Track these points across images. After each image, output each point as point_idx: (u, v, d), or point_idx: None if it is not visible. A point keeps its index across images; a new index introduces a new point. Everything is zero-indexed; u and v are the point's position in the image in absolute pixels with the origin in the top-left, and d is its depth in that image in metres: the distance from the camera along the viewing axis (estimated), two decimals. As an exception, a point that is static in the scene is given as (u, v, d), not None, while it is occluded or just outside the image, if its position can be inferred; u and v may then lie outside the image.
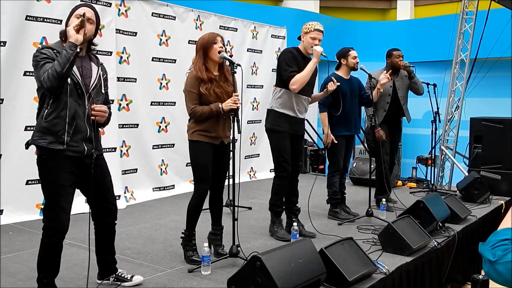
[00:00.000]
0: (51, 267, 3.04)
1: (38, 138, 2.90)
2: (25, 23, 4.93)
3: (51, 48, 2.91)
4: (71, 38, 2.83)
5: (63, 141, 2.89)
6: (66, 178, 2.94)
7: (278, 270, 2.90)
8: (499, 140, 6.76)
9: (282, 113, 4.44)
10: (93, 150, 3.02)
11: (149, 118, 6.27)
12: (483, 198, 6.06)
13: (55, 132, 2.88)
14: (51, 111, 2.89)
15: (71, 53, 2.80)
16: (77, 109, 2.93)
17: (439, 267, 4.29)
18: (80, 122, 2.95)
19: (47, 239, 2.97)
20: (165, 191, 6.42)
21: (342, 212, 5.20)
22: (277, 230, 4.55)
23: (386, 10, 11.71)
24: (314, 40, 4.41)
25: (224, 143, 3.80)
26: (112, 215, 3.25)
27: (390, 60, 5.76)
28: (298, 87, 4.33)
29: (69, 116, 2.90)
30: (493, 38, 7.51)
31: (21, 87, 4.91)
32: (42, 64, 2.84)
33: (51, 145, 2.88)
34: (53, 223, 2.94)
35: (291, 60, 4.38)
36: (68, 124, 2.89)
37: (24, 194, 4.96)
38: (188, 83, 3.70)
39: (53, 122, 2.88)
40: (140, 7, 6.07)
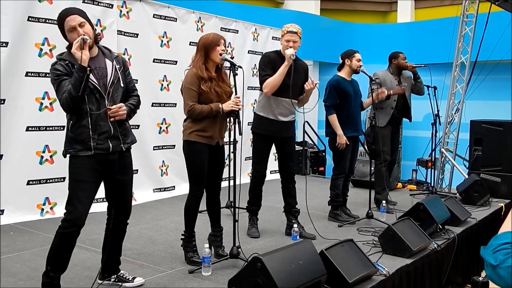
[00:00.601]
0: (60, 261, 3.07)
1: (69, 148, 3.04)
2: (27, 23, 4.95)
3: (63, 60, 2.97)
4: (79, 61, 2.88)
5: (90, 147, 3.01)
6: (88, 175, 3.03)
7: (279, 271, 2.91)
8: (499, 142, 6.77)
9: (262, 116, 4.49)
10: (121, 145, 3.13)
11: (150, 119, 6.28)
12: (483, 201, 6.07)
13: (81, 141, 3.01)
14: (74, 122, 3.01)
15: (81, 76, 2.88)
16: (98, 113, 3.02)
17: (439, 269, 4.30)
18: (103, 123, 3.04)
19: (62, 230, 3.02)
20: (166, 192, 6.43)
21: (342, 214, 5.22)
22: (248, 227, 4.66)
23: (386, 13, 11.73)
24: (288, 43, 4.40)
25: (220, 144, 3.80)
26: (127, 213, 3.30)
27: (396, 61, 5.83)
28: (269, 90, 4.35)
29: (91, 123, 3.01)
30: (493, 40, 7.53)
31: (23, 88, 4.92)
32: (58, 82, 2.94)
33: (81, 153, 3.01)
34: (71, 215, 3.00)
35: (266, 64, 4.39)
36: (92, 130, 3.01)
37: (25, 194, 4.97)
38: (188, 80, 3.68)
39: (78, 132, 3.00)
40: (141, 8, 6.09)
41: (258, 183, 4.63)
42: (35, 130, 5.05)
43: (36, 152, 5.07)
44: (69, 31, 2.96)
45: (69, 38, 2.98)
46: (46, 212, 5.11)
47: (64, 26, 2.97)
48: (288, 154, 4.62)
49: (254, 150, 4.62)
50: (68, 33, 2.97)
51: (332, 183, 5.26)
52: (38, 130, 5.06)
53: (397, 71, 5.85)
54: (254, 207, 4.68)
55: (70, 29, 2.95)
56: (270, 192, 4.79)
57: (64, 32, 3.00)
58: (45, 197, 5.11)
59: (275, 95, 4.41)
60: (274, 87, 4.35)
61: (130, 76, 3.31)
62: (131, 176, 3.30)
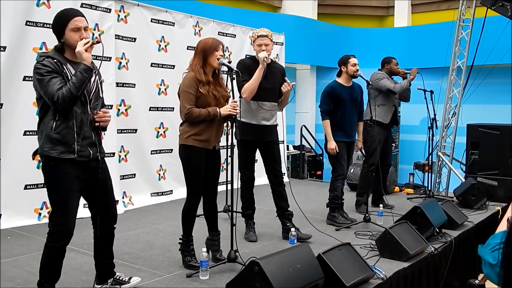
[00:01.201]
0: (53, 272, 3.06)
1: (49, 149, 2.93)
2: (25, 28, 4.96)
3: (51, 57, 2.92)
4: (85, 61, 2.87)
5: (73, 150, 2.96)
6: (73, 184, 2.98)
7: (276, 275, 2.92)
8: (496, 146, 6.80)
9: (244, 122, 4.47)
10: (98, 153, 3.08)
11: (147, 123, 6.28)
12: (480, 204, 6.08)
13: (65, 142, 2.94)
14: (59, 122, 2.93)
15: (86, 77, 2.87)
16: (83, 117, 2.99)
17: (436, 273, 4.31)
18: (86, 129, 3.01)
19: (52, 243, 2.99)
20: (163, 196, 6.43)
21: (340, 217, 5.23)
22: (246, 231, 4.65)
23: (383, 17, 11.77)
24: (260, 47, 4.41)
25: (216, 148, 3.81)
26: (113, 218, 3.27)
27: (389, 66, 6.00)
28: (248, 95, 4.35)
29: (77, 125, 2.96)
30: (489, 45, 7.57)
31: (21, 92, 4.93)
32: (48, 79, 2.86)
33: (63, 155, 2.93)
34: (60, 227, 2.97)
35: (242, 70, 4.34)
36: (76, 133, 2.96)
37: (23, 199, 4.97)
38: (186, 83, 3.68)
39: (63, 133, 2.93)
40: (139, 13, 6.11)
41: (247, 187, 4.64)
42: (33, 134, 5.03)
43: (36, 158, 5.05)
44: (72, 30, 2.92)
45: (67, 36, 2.93)
46: (43, 216, 5.09)
47: (68, 24, 2.92)
48: (274, 158, 4.62)
49: (240, 155, 4.60)
50: (69, 31, 2.93)
51: (331, 185, 5.28)
52: (35, 134, 5.01)
53: (389, 75, 5.99)
54: (248, 211, 4.69)
55: (75, 29, 2.92)
56: (267, 196, 4.79)
57: (63, 30, 2.94)
58: (43, 202, 5.10)
59: (254, 99, 4.42)
60: (253, 92, 4.35)
61: (103, 91, 3.26)
62: (111, 181, 3.26)
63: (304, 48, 9.95)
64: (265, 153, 4.62)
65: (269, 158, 4.61)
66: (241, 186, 4.65)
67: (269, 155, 4.60)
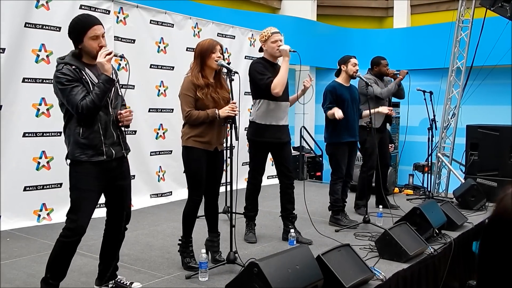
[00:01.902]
0: (60, 269, 3.08)
1: (80, 154, 3.01)
2: (24, 30, 4.96)
3: (69, 64, 2.97)
4: (107, 72, 2.95)
5: (102, 152, 3.04)
6: (92, 183, 3.05)
7: (276, 277, 2.92)
8: (495, 147, 6.79)
9: (262, 124, 4.46)
10: (123, 151, 3.18)
11: (146, 124, 6.28)
12: (479, 205, 6.08)
13: (93, 146, 3.02)
14: (86, 128, 3.01)
15: (108, 87, 2.97)
16: (106, 119, 3.06)
17: (436, 274, 4.30)
18: (109, 129, 3.09)
19: (64, 238, 3.03)
20: (163, 198, 6.43)
21: (343, 219, 5.21)
22: (246, 232, 4.65)
23: (382, 18, 11.78)
24: (276, 43, 4.44)
25: (218, 150, 3.81)
26: (128, 219, 3.32)
27: (378, 68, 5.97)
28: (280, 89, 4.34)
29: (102, 128, 3.04)
30: (488, 46, 7.57)
31: (20, 94, 4.93)
32: (70, 88, 2.92)
33: (93, 158, 3.02)
34: (75, 224, 3.01)
35: (262, 68, 4.40)
36: (103, 136, 3.05)
37: (22, 201, 4.97)
38: (184, 86, 3.73)
39: (90, 137, 3.01)
40: (138, 14, 6.11)
41: (255, 190, 4.65)
42: (32, 136, 5.05)
43: (33, 158, 5.07)
44: (92, 38, 2.98)
45: (86, 44, 2.99)
46: (42, 218, 5.09)
47: (88, 32, 2.97)
48: (287, 159, 4.63)
49: (252, 158, 4.60)
50: (89, 39, 2.98)
51: (331, 188, 5.27)
52: (34, 136, 5.07)
53: (379, 76, 5.96)
54: (251, 213, 4.69)
55: (94, 37, 2.98)
56: (267, 197, 4.80)
57: (81, 37, 2.99)
58: (42, 203, 5.11)
59: (274, 99, 4.42)
60: (284, 86, 4.37)
61: (120, 88, 3.35)
62: (130, 181, 3.33)
63: (304, 49, 9.88)
64: (279, 154, 4.59)
65: (282, 159, 4.59)
66: (249, 188, 4.65)
67: (282, 156, 4.59)
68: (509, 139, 6.73)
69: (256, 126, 4.50)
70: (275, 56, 4.52)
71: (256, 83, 4.43)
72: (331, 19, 11.25)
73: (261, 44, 4.56)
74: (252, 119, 4.56)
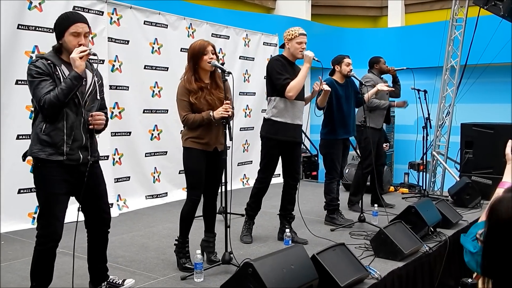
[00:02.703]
0: (44, 276, 3.04)
1: (38, 151, 2.92)
2: (17, 31, 4.93)
3: (45, 59, 2.92)
4: (77, 68, 2.86)
5: (62, 152, 2.93)
6: (60, 187, 2.95)
7: (270, 277, 2.91)
8: (490, 145, 6.81)
9: (279, 121, 4.43)
10: (89, 157, 3.03)
11: (141, 126, 6.27)
12: (474, 203, 6.10)
13: (54, 144, 2.91)
14: (49, 124, 2.91)
15: (76, 84, 2.86)
16: (74, 119, 2.96)
17: (431, 272, 4.31)
18: (77, 131, 2.98)
19: (40, 247, 2.98)
20: (158, 199, 6.42)
21: (339, 218, 5.22)
22: (243, 231, 4.63)
23: (377, 17, 11.80)
24: (300, 45, 4.44)
25: (218, 150, 3.81)
26: (106, 223, 3.25)
27: (378, 66, 6.03)
28: (294, 93, 4.34)
29: (67, 127, 2.93)
30: (482, 44, 7.59)
31: (13, 96, 4.91)
32: (38, 81, 2.85)
33: (51, 157, 2.92)
34: (47, 231, 2.95)
35: (281, 67, 4.39)
36: (66, 135, 2.93)
37: (16, 203, 4.94)
38: (179, 92, 3.75)
39: (52, 134, 2.91)
40: (132, 15, 6.09)
41: (263, 189, 4.61)
42: (26, 138, 5.01)
43: (27, 161, 5.02)
44: (73, 34, 2.92)
45: (66, 39, 2.93)
46: (37, 220, 5.07)
47: (69, 28, 2.93)
48: (297, 160, 4.64)
49: (266, 156, 4.52)
50: (69, 35, 2.93)
51: (326, 188, 5.28)
52: (28, 138, 4.96)
53: (380, 74, 6.04)
54: (253, 212, 4.67)
55: (75, 34, 2.92)
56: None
57: (63, 32, 2.94)
58: (36, 206, 5.03)
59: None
60: (298, 90, 4.37)
61: (103, 92, 3.26)
62: (105, 186, 3.24)
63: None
64: (290, 154, 4.56)
65: (292, 160, 4.57)
66: (258, 187, 4.60)
67: (293, 156, 4.58)
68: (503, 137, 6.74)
69: (273, 124, 4.45)
70: (295, 57, 4.50)
71: (272, 81, 4.41)
72: (326, 18, 11.26)
73: (284, 41, 4.53)
74: (268, 116, 4.50)
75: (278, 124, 4.43)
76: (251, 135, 7.75)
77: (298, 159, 4.67)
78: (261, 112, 7.91)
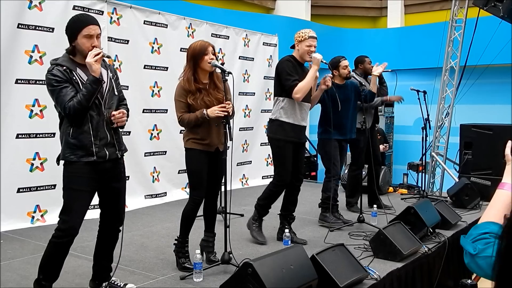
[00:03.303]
0: (53, 270, 3.07)
1: (70, 154, 3.00)
2: (17, 31, 4.93)
3: (60, 65, 2.96)
4: (95, 73, 2.92)
5: (92, 152, 3.02)
6: (86, 184, 3.03)
7: (270, 277, 2.92)
8: (489, 146, 6.82)
9: (287, 122, 4.44)
10: (117, 152, 3.15)
11: (141, 125, 6.27)
12: (473, 204, 6.11)
13: (83, 146, 3.00)
14: (75, 128, 3.00)
15: (95, 88, 2.94)
16: (98, 119, 3.04)
17: (430, 273, 4.32)
18: (101, 130, 3.06)
19: (56, 239, 3.02)
20: (157, 199, 6.41)
21: (331, 217, 5.22)
22: (254, 228, 4.59)
23: (376, 18, 11.80)
24: (310, 47, 4.45)
25: (220, 150, 3.81)
26: (121, 220, 3.30)
27: (363, 66, 5.98)
28: (301, 95, 4.36)
29: (93, 129, 3.02)
30: (482, 45, 7.60)
31: (13, 95, 4.91)
32: (59, 89, 2.92)
33: (83, 159, 3.01)
34: (66, 225, 3.00)
35: (291, 69, 4.41)
36: (93, 136, 3.02)
37: (15, 202, 4.94)
38: (177, 92, 3.76)
39: (80, 138, 3.00)
40: (132, 15, 6.10)
41: (279, 192, 4.57)
42: (25, 138, 5.03)
43: (26, 160, 5.05)
44: (86, 37, 2.97)
45: (79, 42, 2.98)
46: (36, 219, 5.07)
47: (82, 30, 2.97)
48: (301, 161, 4.64)
49: (280, 157, 4.48)
50: (82, 38, 2.97)
51: (324, 186, 5.29)
52: (28, 138, 5.04)
53: (363, 75, 5.97)
54: (264, 213, 4.63)
55: (88, 36, 2.97)
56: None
57: (75, 34, 2.98)
58: (36, 205, 5.09)
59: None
60: (306, 92, 4.39)
61: (120, 85, 3.32)
62: (124, 183, 3.32)
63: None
64: (296, 154, 4.55)
65: (297, 161, 4.56)
66: (273, 190, 4.53)
67: (298, 157, 4.57)
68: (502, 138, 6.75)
69: (280, 124, 4.44)
70: (303, 59, 4.51)
71: (281, 82, 4.41)
72: (325, 19, 11.27)
73: (295, 42, 4.54)
74: (274, 117, 4.48)
75: (286, 125, 4.44)
76: (251, 135, 7.75)
77: (302, 160, 4.67)
78: (261, 113, 7.92)
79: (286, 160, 4.47)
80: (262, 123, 7.78)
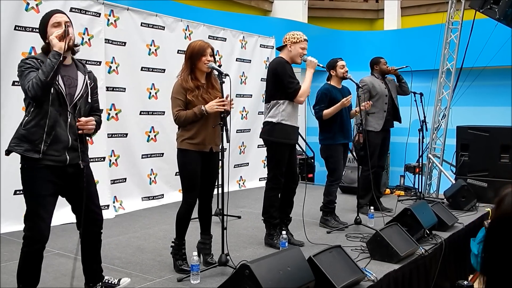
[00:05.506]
0: (30, 277, 3.01)
1: (15, 145, 2.91)
2: (14, 33, 4.93)
3: (35, 58, 2.93)
4: (55, 47, 2.85)
5: (39, 150, 2.88)
6: (46, 188, 2.92)
7: (267, 278, 2.92)
8: (486, 148, 6.84)
9: (289, 125, 4.45)
10: (80, 162, 3.01)
11: (138, 127, 6.27)
12: (470, 206, 6.12)
13: (31, 140, 2.89)
14: (30, 119, 2.90)
15: (55, 62, 2.81)
16: (58, 119, 2.93)
17: (427, 274, 4.32)
18: (61, 131, 2.94)
19: (26, 248, 2.96)
20: (154, 201, 6.41)
21: (332, 220, 5.23)
22: (276, 242, 4.45)
23: (373, 20, 11.83)
24: (303, 50, 4.47)
25: (213, 151, 3.80)
26: (96, 224, 3.21)
27: (378, 67, 6.04)
28: (305, 98, 4.46)
29: (48, 125, 2.89)
30: (478, 47, 7.62)
31: (9, 97, 4.90)
32: (26, 73, 2.85)
33: (27, 153, 2.88)
34: (32, 232, 2.93)
35: (292, 71, 4.43)
36: (46, 133, 2.89)
37: (12, 204, 4.92)
38: (174, 90, 3.74)
39: (31, 130, 2.89)
40: (129, 17, 6.10)
41: (277, 194, 4.56)
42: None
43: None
44: (53, 25, 2.94)
45: (49, 33, 2.94)
46: (33, 221, 5.06)
47: (49, 21, 2.95)
48: (295, 162, 4.66)
49: (276, 161, 4.46)
50: (51, 28, 2.94)
51: (326, 189, 5.30)
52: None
53: (381, 75, 6.01)
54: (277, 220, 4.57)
55: (55, 24, 2.94)
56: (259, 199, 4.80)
57: (45, 28, 2.96)
58: (32, 207, 5.07)
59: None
60: (307, 95, 4.48)
61: (97, 95, 3.25)
62: (95, 187, 3.22)
63: (295, 51, 9.95)
64: (290, 156, 4.55)
65: (291, 162, 4.57)
66: (272, 194, 4.52)
67: (291, 158, 4.58)
68: (499, 140, 6.78)
69: (282, 127, 4.43)
70: (294, 60, 4.51)
71: (284, 85, 4.37)
72: (322, 21, 11.28)
73: (286, 43, 4.51)
74: (276, 120, 4.42)
75: (288, 128, 4.45)
76: (248, 137, 7.75)
77: (296, 161, 4.68)
78: (258, 115, 7.92)
79: (284, 162, 4.48)
80: (259, 125, 7.72)
